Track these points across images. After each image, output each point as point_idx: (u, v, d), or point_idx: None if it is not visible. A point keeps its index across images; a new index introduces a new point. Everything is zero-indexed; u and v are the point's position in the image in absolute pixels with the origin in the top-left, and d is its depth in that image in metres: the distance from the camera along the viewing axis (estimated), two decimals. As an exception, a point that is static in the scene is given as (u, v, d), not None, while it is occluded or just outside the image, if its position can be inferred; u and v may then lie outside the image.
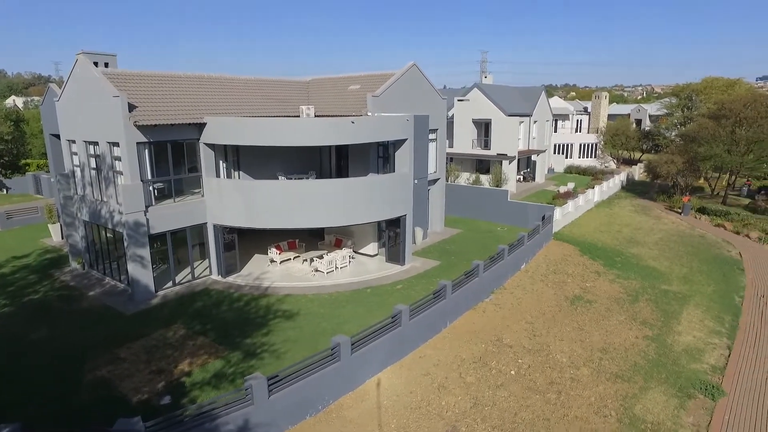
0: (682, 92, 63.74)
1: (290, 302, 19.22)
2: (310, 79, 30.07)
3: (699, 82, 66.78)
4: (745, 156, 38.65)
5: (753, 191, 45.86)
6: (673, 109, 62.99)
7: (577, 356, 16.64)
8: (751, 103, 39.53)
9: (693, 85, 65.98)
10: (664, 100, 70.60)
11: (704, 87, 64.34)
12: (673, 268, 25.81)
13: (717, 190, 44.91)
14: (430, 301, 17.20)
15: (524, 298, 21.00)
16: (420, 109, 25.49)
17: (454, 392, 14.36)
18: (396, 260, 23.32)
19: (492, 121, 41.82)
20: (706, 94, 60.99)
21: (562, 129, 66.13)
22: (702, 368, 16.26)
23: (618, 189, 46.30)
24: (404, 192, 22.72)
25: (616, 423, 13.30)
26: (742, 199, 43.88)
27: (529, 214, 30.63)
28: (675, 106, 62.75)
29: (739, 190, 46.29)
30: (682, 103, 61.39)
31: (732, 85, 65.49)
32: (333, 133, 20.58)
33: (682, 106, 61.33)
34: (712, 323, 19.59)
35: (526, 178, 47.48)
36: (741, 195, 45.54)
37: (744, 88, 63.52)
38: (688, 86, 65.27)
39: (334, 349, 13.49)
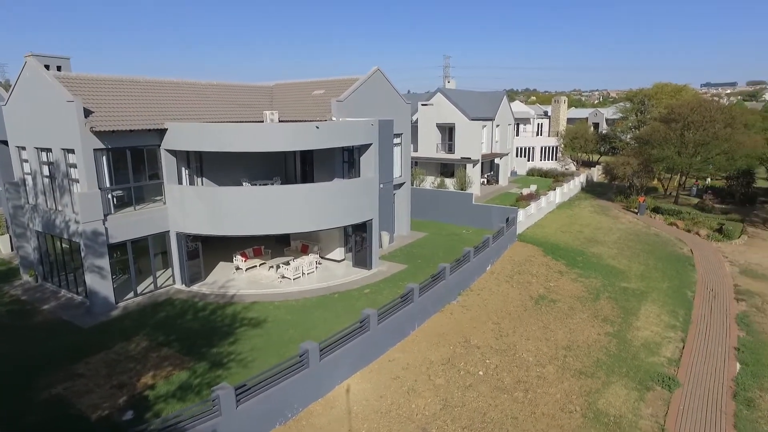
0: (635, 97, 66.40)
1: (257, 310, 18.94)
2: (274, 84, 29.81)
3: (650, 88, 69.61)
4: (693, 158, 40.52)
5: (701, 191, 48.12)
6: (627, 113, 65.51)
7: (543, 354, 17.02)
8: (697, 108, 41.55)
9: (645, 90, 68.76)
10: (619, 104, 73.25)
11: (655, 92, 67.13)
12: (631, 266, 26.75)
13: (669, 190, 46.90)
14: (398, 305, 17.26)
15: (490, 299, 21.35)
16: (384, 114, 25.63)
17: (424, 395, 14.44)
18: (363, 265, 23.31)
19: (455, 125, 42.42)
20: (657, 99, 63.64)
21: (523, 132, 67.66)
22: (659, 361, 16.91)
23: (578, 190, 47.69)
24: (370, 196, 22.77)
25: (581, 418, 13.67)
26: (692, 199, 45.96)
27: (493, 216, 31.18)
28: (629, 110, 65.28)
29: (689, 190, 48.45)
30: (636, 108, 63.90)
31: (680, 90, 68.58)
32: (298, 139, 20.44)
33: (635, 110, 63.83)
34: (667, 318, 20.40)
35: (489, 181, 48.32)
36: (691, 194, 47.69)
37: (690, 94, 66.65)
38: (641, 91, 68.02)
39: (303, 355, 13.37)
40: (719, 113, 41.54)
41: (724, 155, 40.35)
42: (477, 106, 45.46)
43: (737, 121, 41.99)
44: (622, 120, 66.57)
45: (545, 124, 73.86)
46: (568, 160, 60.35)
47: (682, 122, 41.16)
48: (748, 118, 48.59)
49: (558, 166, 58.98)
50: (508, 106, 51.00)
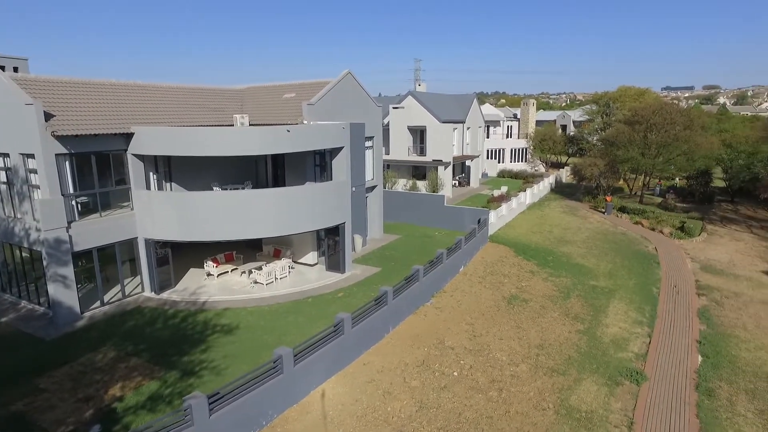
0: (600, 100, 68.31)
1: (229, 316, 18.64)
2: (244, 87, 29.46)
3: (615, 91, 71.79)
4: (655, 158, 41.88)
5: (664, 190, 49.72)
6: (593, 115, 67.26)
7: (516, 354, 17.26)
8: (658, 111, 43.01)
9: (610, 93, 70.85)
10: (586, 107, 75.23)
11: (619, 95, 69.23)
12: (599, 264, 27.41)
13: (634, 190, 48.31)
14: (372, 308, 17.25)
15: (464, 300, 21.55)
16: (356, 117, 25.63)
17: (400, 397, 14.46)
18: (336, 268, 23.22)
19: (427, 127, 42.73)
20: (622, 102, 65.63)
21: (494, 135, 68.64)
22: (627, 356, 17.36)
23: (548, 191, 48.63)
24: (342, 200, 22.71)
25: (554, 415, 13.91)
26: (655, 198, 47.42)
27: (465, 218, 31.50)
28: (595, 112, 67.05)
29: (653, 190, 49.97)
30: (601, 110, 65.67)
31: (642, 93, 70.96)
32: (269, 142, 20.25)
33: (601, 112, 65.59)
34: (634, 314, 20.97)
35: (461, 183, 48.81)
36: (654, 194, 49.20)
37: (652, 97, 69.05)
38: (606, 94, 70.06)
39: (276, 361, 13.22)
40: (679, 116, 43.10)
41: (684, 156, 41.87)
42: (448, 108, 45.90)
43: (695, 124, 43.62)
44: (589, 122, 68.32)
45: (515, 127, 75.12)
46: (538, 161, 61.51)
47: (645, 124, 42.52)
48: (704, 121, 50.43)
49: (528, 167, 60.04)
50: (479, 108, 51.68)
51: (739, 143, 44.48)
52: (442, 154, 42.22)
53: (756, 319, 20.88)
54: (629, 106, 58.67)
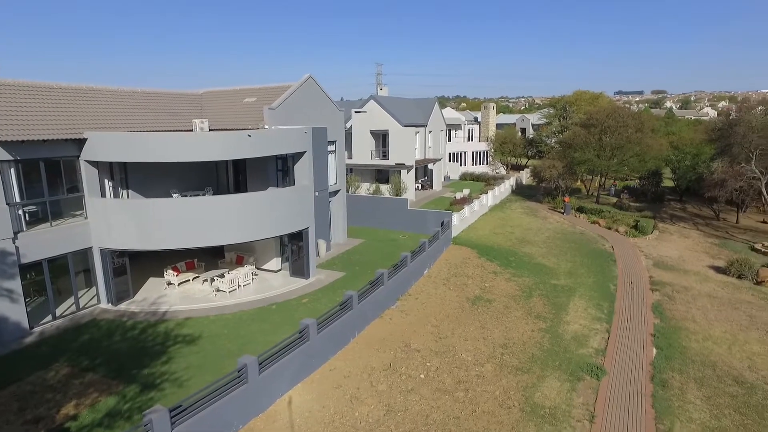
0: (557, 103, 70.45)
1: (191, 326, 18.15)
2: (203, 91, 28.86)
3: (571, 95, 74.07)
4: (610, 160, 43.52)
5: (618, 191, 51.62)
6: (551, 118, 69.26)
7: (481, 354, 17.51)
8: (612, 114, 44.80)
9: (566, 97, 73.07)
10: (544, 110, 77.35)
11: (575, 99, 71.49)
12: (559, 263, 28.16)
13: (591, 191, 49.95)
14: (337, 313, 17.16)
15: (428, 302, 21.71)
16: (318, 122, 25.51)
17: (367, 402, 14.42)
18: (300, 274, 23.00)
19: (389, 131, 42.94)
20: (577, 105, 67.79)
21: (455, 138, 69.62)
22: (588, 352, 17.89)
23: (509, 193, 49.65)
24: (305, 205, 22.54)
25: (519, 412, 14.17)
26: (611, 198, 49.18)
27: (428, 220, 31.77)
28: (553, 116, 69.06)
29: (608, 190, 51.81)
30: (559, 113, 67.72)
31: (596, 98, 73.52)
32: (229, 147, 19.88)
33: (558, 116, 67.62)
34: (594, 311, 21.63)
35: (424, 186, 49.24)
36: (610, 194, 51.03)
37: (606, 101, 71.72)
38: (563, 98, 72.25)
39: (241, 370, 12.96)
40: (631, 119, 45.00)
41: (637, 157, 43.68)
42: (410, 112, 46.26)
43: (646, 127, 45.64)
44: (547, 125, 70.30)
45: (476, 130, 76.43)
46: (499, 164, 62.74)
47: (599, 127, 44.12)
48: (654, 124, 52.81)
49: (489, 170, 61.14)
50: (440, 112, 52.31)
51: (685, 145, 46.71)
52: (405, 158, 42.50)
53: (703, 311, 21.92)
54: (585, 109, 60.78)
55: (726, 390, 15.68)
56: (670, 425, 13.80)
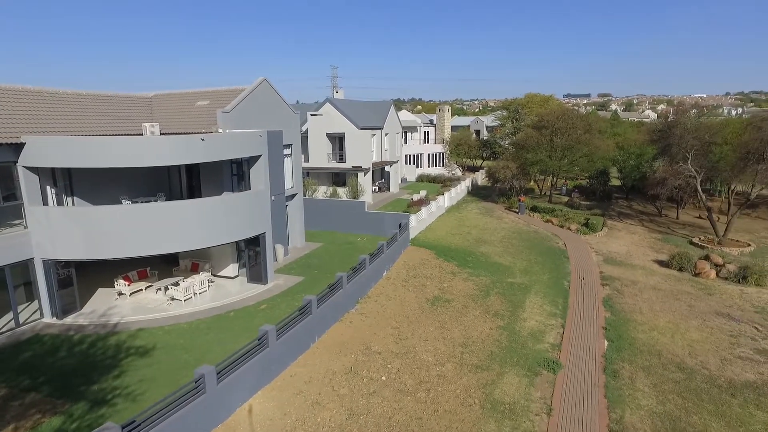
0: (510, 106, 72.19)
1: (144, 337, 17.49)
2: (153, 94, 27.94)
3: (523, 98, 76.16)
4: (561, 160, 45.04)
5: (570, 190, 53.46)
6: (504, 120, 70.88)
7: (441, 353, 17.71)
8: (561, 116, 46.41)
9: (518, 99, 75.08)
10: (497, 112, 79.02)
11: (527, 101, 73.54)
12: (515, 262, 28.87)
13: (544, 191, 51.52)
14: (297, 318, 16.97)
15: (388, 304, 21.78)
16: (273, 125, 25.18)
17: (329, 407, 14.32)
18: (258, 280, 22.61)
19: (345, 134, 42.87)
20: (529, 108, 69.74)
21: (411, 140, 70.22)
22: (544, 347, 18.41)
23: (465, 194, 50.50)
24: (262, 209, 22.19)
25: (480, 410, 14.42)
26: (563, 197, 50.86)
27: (386, 223, 31.91)
28: (506, 118, 70.70)
29: (560, 190, 53.57)
30: (511, 116, 69.39)
31: (547, 100, 75.92)
32: (182, 152, 19.32)
33: (511, 118, 69.29)
34: (549, 307, 22.30)
35: (381, 189, 49.41)
36: (562, 194, 52.76)
37: (556, 103, 74.14)
38: (515, 101, 74.16)
39: (198, 380, 12.59)
40: (579, 121, 46.78)
41: (586, 158, 45.40)
42: (366, 115, 46.34)
43: (593, 128, 47.53)
44: (500, 127, 71.90)
45: (431, 132, 77.33)
46: (454, 165, 63.71)
47: (550, 129, 45.59)
48: (601, 126, 55.05)
49: (445, 171, 61.98)
50: (396, 115, 52.66)
51: (629, 146, 48.88)
52: (362, 161, 42.54)
53: (649, 303, 23.00)
54: (536, 111, 62.57)
55: (670, 376, 16.54)
56: (621, 413, 14.40)
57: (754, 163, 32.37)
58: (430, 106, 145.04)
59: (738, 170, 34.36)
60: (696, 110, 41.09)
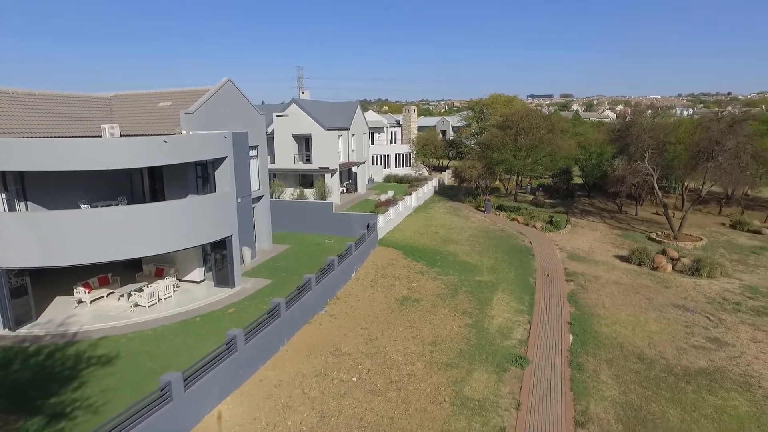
0: (475, 106, 73.27)
1: (106, 346, 16.93)
2: (112, 95, 27.07)
3: (488, 98, 77.36)
4: (525, 159, 45.99)
5: (534, 189, 54.63)
6: (470, 120, 71.86)
7: (411, 353, 17.83)
8: (525, 116, 47.39)
9: (483, 100, 76.23)
10: (463, 113, 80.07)
11: (492, 102, 74.74)
12: (482, 260, 29.30)
13: (509, 190, 52.49)
14: (265, 321, 16.78)
15: (357, 305, 21.78)
16: (238, 126, 24.81)
17: (299, 410, 14.21)
18: (225, 283, 22.23)
19: (312, 135, 42.60)
20: (494, 108, 70.91)
21: (378, 141, 70.35)
22: (512, 344, 18.77)
23: (432, 194, 50.91)
24: (228, 212, 21.83)
25: (451, 407, 14.59)
26: (528, 196, 51.92)
27: (354, 223, 31.88)
28: (471, 118, 71.69)
29: (525, 189, 54.68)
30: (477, 116, 70.41)
31: (511, 100, 77.32)
32: (142, 155, 18.79)
33: (476, 118, 70.31)
34: (516, 304, 22.74)
35: (348, 190, 49.31)
36: (527, 192, 53.86)
37: (520, 104, 75.58)
38: (480, 101, 75.28)
39: (165, 388, 12.29)
40: (543, 121, 47.87)
41: (549, 157, 46.50)
42: (332, 116, 46.16)
43: (556, 128, 48.71)
44: (466, 127, 72.88)
45: (398, 133, 77.69)
46: (421, 165, 64.15)
47: (515, 128, 46.49)
48: (563, 125, 56.49)
49: (412, 171, 62.35)
50: (362, 115, 52.65)
51: (590, 145, 50.35)
52: (329, 162, 42.35)
53: (611, 297, 23.76)
54: (500, 112, 63.67)
55: (631, 367, 17.14)
56: (586, 405, 14.83)
57: (704, 161, 33.88)
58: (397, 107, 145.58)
59: (690, 168, 35.90)
60: (651, 111, 42.69)
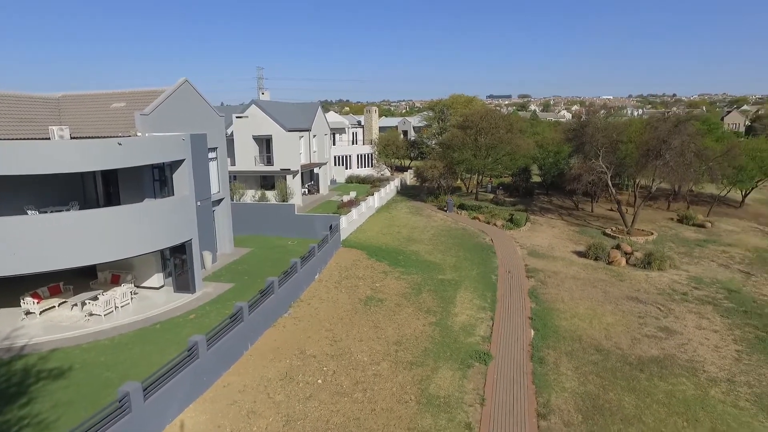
0: (436, 106, 74.08)
1: (58, 358, 16.22)
2: (61, 95, 25.95)
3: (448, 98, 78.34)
4: (486, 159, 46.86)
5: (495, 187, 55.71)
6: (431, 121, 72.62)
7: (376, 353, 17.89)
8: (485, 116, 48.29)
9: (444, 100, 77.16)
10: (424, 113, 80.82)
11: (452, 102, 75.73)
12: (445, 259, 29.67)
13: (470, 189, 53.35)
14: (228, 326, 16.49)
15: (321, 307, 21.68)
16: (196, 128, 24.27)
17: (265, 414, 14.04)
18: (186, 289, 21.71)
19: (273, 136, 42.10)
20: (454, 108, 71.88)
21: (340, 142, 70.12)
22: (475, 340, 19.10)
23: (394, 194, 51.16)
24: (187, 215, 21.33)
25: (416, 405, 14.72)
26: (488, 195, 52.88)
27: (317, 225, 31.70)
28: (432, 118, 72.46)
29: (485, 188, 55.68)
30: (437, 116, 71.20)
31: (471, 101, 78.55)
32: (96, 157, 18.10)
33: (437, 118, 71.09)
34: (478, 301, 23.14)
35: (311, 191, 48.97)
36: (487, 191, 54.84)
37: (479, 104, 76.93)
38: (440, 102, 76.15)
39: (123, 399, 11.90)
40: (502, 120, 48.91)
41: (508, 156, 47.52)
42: (293, 117, 45.75)
43: (515, 128, 49.84)
44: (427, 127, 73.59)
45: (359, 133, 77.65)
46: (383, 166, 64.35)
47: (475, 128, 47.30)
48: (521, 125, 57.84)
49: (374, 172, 62.45)
50: (324, 116, 52.42)
51: (548, 144, 51.74)
52: (290, 163, 41.95)
53: (570, 292, 24.52)
54: (461, 112, 64.60)
55: (589, 359, 17.76)
56: (548, 397, 15.26)
57: (653, 159, 35.44)
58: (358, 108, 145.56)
59: (641, 166, 37.48)
60: (605, 111, 44.31)
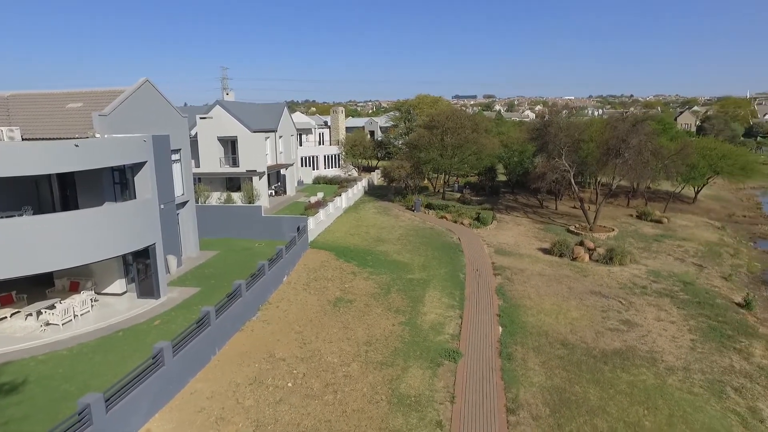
0: (402, 107, 74.41)
1: (12, 371, 15.47)
2: (9, 94, 24.78)
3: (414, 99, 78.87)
4: (452, 158, 47.35)
5: (461, 187, 56.37)
6: (397, 121, 72.85)
7: (346, 354, 17.82)
8: (451, 116, 48.80)
9: (410, 101, 77.63)
10: (390, 113, 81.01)
11: (418, 102, 76.31)
12: (413, 258, 29.82)
13: (437, 188, 53.80)
14: (194, 331, 16.12)
15: (290, 309, 21.45)
16: (158, 129, 23.62)
17: (234, 420, 13.78)
18: (150, 294, 21.11)
19: (238, 137, 41.43)
20: (420, 109, 72.40)
21: (306, 142, 69.55)
22: (444, 339, 19.27)
23: (362, 194, 51.10)
24: (149, 219, 20.74)
25: (387, 405, 14.74)
26: (455, 194, 53.46)
27: (284, 226, 31.37)
28: (399, 118, 72.71)
29: (452, 187, 56.27)
30: (404, 116, 71.52)
31: (437, 101, 79.37)
32: (49, 160, 17.36)
33: (403, 118, 71.40)
34: (447, 300, 23.35)
35: (277, 192, 48.41)
36: (454, 190, 55.43)
37: (445, 104, 77.81)
38: (407, 102, 76.57)
39: (83, 411, 11.45)
40: (467, 120, 49.50)
41: (474, 155, 48.16)
42: (259, 118, 45.11)
43: (480, 127, 50.52)
44: (394, 127, 73.76)
45: (326, 134, 77.21)
46: (350, 166, 64.19)
47: (441, 128, 47.70)
48: (487, 125, 58.73)
49: (341, 172, 62.23)
50: (290, 117, 51.87)
51: (513, 143, 52.71)
52: (256, 164, 41.38)
53: (536, 288, 25.04)
54: (427, 112, 65.11)
55: (555, 353, 18.18)
56: (516, 392, 15.54)
57: (614, 157, 36.60)
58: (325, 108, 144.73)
59: (601, 164, 38.65)
60: (567, 111, 45.46)
